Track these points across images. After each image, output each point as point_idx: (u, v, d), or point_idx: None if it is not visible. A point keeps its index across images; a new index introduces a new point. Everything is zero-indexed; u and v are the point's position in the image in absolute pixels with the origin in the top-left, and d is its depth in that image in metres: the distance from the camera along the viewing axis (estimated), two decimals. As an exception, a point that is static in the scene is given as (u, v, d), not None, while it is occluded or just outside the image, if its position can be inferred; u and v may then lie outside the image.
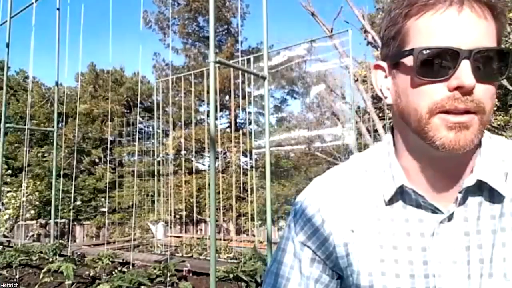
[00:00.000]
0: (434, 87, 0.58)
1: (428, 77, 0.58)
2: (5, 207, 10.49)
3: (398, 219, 0.67)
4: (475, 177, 0.62)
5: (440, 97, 0.57)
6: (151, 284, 4.39)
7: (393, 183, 0.67)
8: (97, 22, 25.87)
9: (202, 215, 11.93)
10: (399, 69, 0.63)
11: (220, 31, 17.25)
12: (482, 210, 0.63)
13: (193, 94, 11.24)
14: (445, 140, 0.58)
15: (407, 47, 0.61)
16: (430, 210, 0.65)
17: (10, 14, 6.13)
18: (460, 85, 0.56)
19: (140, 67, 23.74)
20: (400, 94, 0.64)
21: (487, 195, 0.64)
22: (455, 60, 0.56)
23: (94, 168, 15.69)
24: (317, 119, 15.45)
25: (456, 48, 0.56)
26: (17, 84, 17.28)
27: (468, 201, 0.64)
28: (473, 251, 0.62)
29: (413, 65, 0.60)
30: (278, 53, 9.48)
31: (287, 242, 0.76)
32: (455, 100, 0.57)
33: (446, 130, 0.58)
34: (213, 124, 3.09)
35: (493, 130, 5.39)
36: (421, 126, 0.60)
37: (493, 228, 0.62)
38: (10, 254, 5.66)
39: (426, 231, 0.65)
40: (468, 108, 0.57)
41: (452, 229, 0.64)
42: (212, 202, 2.98)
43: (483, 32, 0.57)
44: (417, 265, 0.64)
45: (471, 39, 0.57)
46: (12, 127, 11.77)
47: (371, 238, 0.68)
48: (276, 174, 14.53)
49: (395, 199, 0.67)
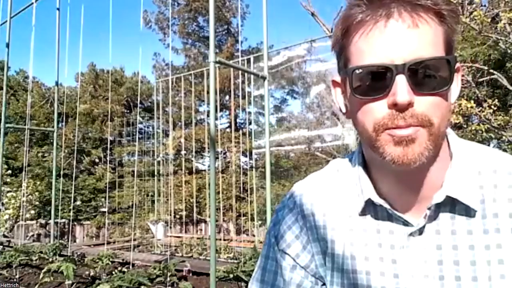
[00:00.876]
0: (375, 106, 0.56)
1: (366, 96, 0.57)
2: (5, 207, 10.48)
3: (370, 230, 0.66)
4: (444, 193, 0.60)
5: (382, 115, 0.56)
6: (151, 284, 4.39)
7: (362, 196, 0.66)
8: (97, 22, 25.92)
9: (202, 215, 11.93)
10: (346, 86, 0.62)
11: (220, 31, 17.25)
12: (456, 224, 0.61)
13: (193, 94, 11.24)
14: (394, 155, 0.56)
15: (348, 66, 0.60)
16: (401, 222, 0.64)
17: (10, 14, 6.13)
18: (394, 102, 0.54)
19: (140, 67, 23.76)
20: (352, 112, 0.63)
21: (462, 210, 0.61)
22: (390, 76, 0.54)
23: (94, 168, 15.68)
24: (317, 119, 15.44)
25: (388, 64, 0.54)
26: (17, 84, 17.28)
27: (440, 215, 0.62)
28: (448, 266, 0.60)
29: (349, 85, 0.59)
30: (278, 53, 9.49)
31: (269, 249, 0.77)
32: (395, 118, 0.55)
33: (394, 145, 0.56)
34: (213, 124, 3.10)
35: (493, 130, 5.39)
36: (372, 143, 0.59)
37: (471, 243, 0.60)
38: (10, 254, 5.66)
39: (397, 243, 0.63)
40: (410, 124, 0.55)
41: (422, 243, 0.62)
42: (212, 202, 2.98)
43: (419, 41, 0.54)
44: (388, 277, 0.63)
45: (405, 52, 0.54)
46: (12, 127, 11.77)
47: (345, 248, 0.68)
48: (276, 174, 14.51)
49: (367, 210, 0.67)
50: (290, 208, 0.76)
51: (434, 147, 0.57)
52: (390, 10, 0.55)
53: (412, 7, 0.55)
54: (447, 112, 0.58)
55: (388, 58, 0.54)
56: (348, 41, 0.59)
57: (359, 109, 0.59)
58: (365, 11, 0.56)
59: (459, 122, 4.47)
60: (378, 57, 0.55)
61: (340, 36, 0.60)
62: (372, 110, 0.57)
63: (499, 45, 4.94)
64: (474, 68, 5.18)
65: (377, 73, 0.55)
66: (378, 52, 0.55)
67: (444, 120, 0.58)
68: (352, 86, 0.59)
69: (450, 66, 0.56)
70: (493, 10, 5.30)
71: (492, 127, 4.75)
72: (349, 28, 0.58)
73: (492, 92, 5.81)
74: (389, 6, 0.55)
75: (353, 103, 0.61)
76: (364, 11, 0.56)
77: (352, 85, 0.59)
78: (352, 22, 0.57)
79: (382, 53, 0.55)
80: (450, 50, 0.58)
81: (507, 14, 4.22)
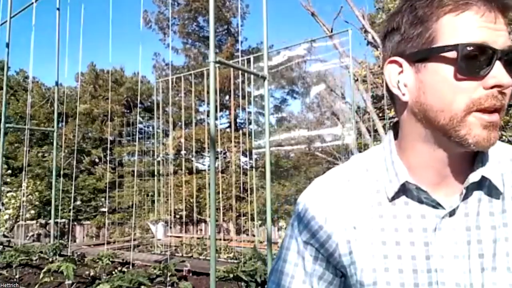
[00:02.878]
0: (472, 85, 0.58)
1: (469, 74, 0.59)
2: (5, 207, 10.49)
3: (400, 216, 0.68)
4: (480, 173, 0.64)
5: (478, 95, 0.58)
6: (151, 284, 4.39)
7: (397, 180, 0.68)
8: (97, 22, 25.93)
9: (202, 215, 11.93)
10: (427, 65, 0.62)
11: (220, 31, 17.26)
12: (481, 206, 0.65)
13: (193, 94, 11.24)
14: (479, 138, 0.59)
15: (441, 43, 0.60)
16: (432, 206, 0.66)
17: (10, 14, 6.13)
18: (498, 84, 0.57)
19: (140, 67, 23.77)
20: (426, 91, 0.62)
21: (486, 192, 0.65)
22: (490, 59, 0.57)
23: (94, 168, 15.69)
24: (317, 119, 15.45)
25: (496, 48, 0.57)
26: (17, 84, 17.29)
27: (469, 198, 0.65)
28: (473, 245, 0.64)
29: (456, 60, 0.59)
30: (278, 53, 9.48)
31: (290, 240, 0.77)
32: (493, 98, 0.58)
33: (481, 128, 0.59)
34: (213, 124, 3.09)
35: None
36: (453, 124, 0.60)
37: (493, 224, 0.64)
38: (10, 254, 5.66)
39: (429, 227, 0.66)
40: (503, 106, 0.59)
41: (454, 224, 0.65)
42: (212, 202, 2.98)
43: (507, 35, 0.59)
44: (420, 260, 0.66)
45: (502, 40, 0.58)
46: (12, 127, 11.78)
47: (374, 235, 0.69)
48: (276, 174, 14.52)
49: (397, 196, 0.68)
50: (313, 198, 0.76)
51: None
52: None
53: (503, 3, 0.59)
54: None
55: (494, 43, 0.58)
56: (448, 19, 0.60)
57: (451, 87, 0.60)
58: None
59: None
60: (486, 39, 0.58)
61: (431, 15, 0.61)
62: (469, 88, 0.59)
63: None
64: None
65: (482, 54, 0.58)
66: (486, 34, 0.58)
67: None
68: (460, 62, 0.59)
69: None
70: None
71: None
72: (449, 8, 0.60)
73: (492, 92, 5.82)
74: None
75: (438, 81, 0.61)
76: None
77: (459, 61, 0.59)
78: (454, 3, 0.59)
79: (489, 36, 0.58)
80: None
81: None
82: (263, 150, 7.36)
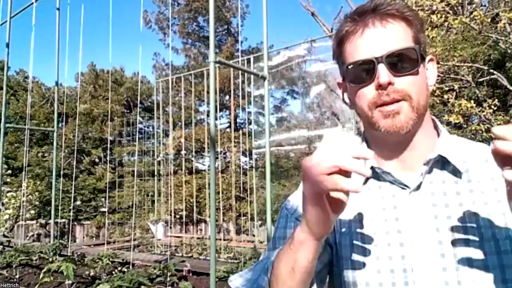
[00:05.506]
0: (366, 90, 0.75)
1: (359, 84, 0.76)
2: (5, 207, 10.49)
3: (374, 197, 0.79)
4: (437, 152, 0.76)
5: (371, 95, 0.74)
6: (151, 284, 4.39)
7: (366, 166, 0.76)
8: (97, 22, 25.90)
9: (202, 215, 11.92)
10: (346, 83, 0.81)
11: (220, 31, 17.25)
12: (447, 187, 0.75)
13: (193, 94, 11.24)
14: (386, 126, 0.73)
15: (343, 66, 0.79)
16: (400, 187, 0.77)
17: (10, 14, 6.13)
18: (378, 83, 0.72)
19: (140, 67, 23.75)
20: (352, 101, 0.81)
21: (450, 171, 0.76)
22: (373, 66, 0.73)
23: (94, 168, 15.69)
24: (317, 119, 15.45)
25: (370, 57, 0.73)
26: (17, 84, 17.28)
27: (432, 176, 0.76)
28: (442, 220, 0.72)
29: (346, 78, 0.79)
30: (278, 53, 9.47)
31: (282, 220, 0.88)
32: (381, 95, 0.73)
33: (384, 118, 0.73)
34: (213, 124, 3.10)
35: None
36: (369, 120, 0.76)
37: (460, 201, 0.73)
38: (10, 254, 5.67)
39: (398, 204, 0.76)
40: (393, 98, 0.72)
41: (420, 201, 0.75)
42: (212, 202, 2.98)
43: (390, 38, 0.73)
44: (392, 234, 0.75)
45: (381, 47, 0.73)
46: (12, 127, 11.78)
47: (354, 213, 0.79)
48: (276, 174, 14.50)
49: (371, 179, 0.80)
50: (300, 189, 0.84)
51: (417, 117, 0.74)
52: (367, 21, 0.75)
53: (381, 16, 0.75)
54: (423, 89, 0.76)
55: (369, 54, 0.73)
56: (342, 49, 0.79)
57: (355, 95, 0.78)
58: (350, 25, 0.77)
59: (459, 122, 4.46)
60: (363, 54, 0.74)
61: (336, 45, 0.81)
62: (364, 93, 0.75)
63: (499, 45, 4.93)
64: (474, 68, 5.18)
65: (364, 65, 0.74)
66: (362, 51, 0.75)
67: (422, 94, 0.75)
68: (348, 79, 0.78)
69: (416, 52, 0.74)
70: (493, 10, 5.30)
71: (492, 127, 4.75)
72: (341, 39, 0.79)
73: (492, 92, 5.80)
74: (365, 18, 0.75)
75: (351, 93, 0.80)
76: (350, 25, 0.77)
77: (348, 78, 0.78)
78: (342, 35, 0.78)
79: (365, 51, 0.74)
80: (419, 43, 0.76)
81: (507, 14, 4.21)
82: (263, 150, 7.36)
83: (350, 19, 0.78)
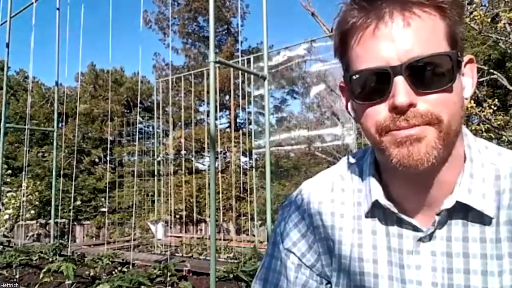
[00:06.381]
0: (376, 109, 0.55)
1: (366, 101, 0.56)
2: (5, 207, 10.48)
3: (379, 233, 0.64)
4: (454, 199, 0.57)
5: (383, 117, 0.54)
6: (151, 284, 4.38)
7: (370, 197, 0.64)
8: (97, 22, 25.86)
9: (202, 215, 11.92)
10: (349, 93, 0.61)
11: (220, 31, 17.25)
12: (469, 232, 0.58)
13: (193, 94, 11.24)
14: (399, 157, 0.53)
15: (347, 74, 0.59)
16: (410, 227, 0.61)
17: (10, 14, 6.13)
18: (393, 105, 0.52)
19: (140, 67, 23.74)
20: (357, 117, 0.61)
21: (475, 216, 0.58)
22: (388, 79, 0.52)
23: (94, 168, 15.68)
24: (317, 119, 15.45)
25: (383, 67, 0.52)
26: (17, 84, 17.27)
27: (452, 221, 0.59)
28: (458, 275, 0.57)
29: (349, 91, 0.58)
30: (278, 53, 9.47)
31: (274, 248, 0.75)
32: (396, 120, 0.53)
33: (397, 147, 0.53)
34: (213, 124, 3.09)
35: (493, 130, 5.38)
36: (377, 146, 0.57)
37: (483, 252, 0.57)
38: (10, 254, 5.66)
39: (406, 248, 0.62)
40: (414, 124, 0.52)
41: (432, 249, 0.60)
42: (212, 202, 2.98)
43: (414, 40, 0.52)
44: (397, 282, 0.62)
45: (400, 52, 0.52)
46: (12, 127, 11.77)
47: (353, 250, 0.66)
48: (276, 174, 14.50)
49: (376, 212, 0.65)
50: (297, 205, 0.74)
51: (444, 146, 0.54)
52: (381, 11, 0.53)
53: (402, 6, 0.52)
54: (458, 108, 0.55)
55: (384, 61, 0.52)
56: (345, 47, 0.58)
57: (362, 114, 0.58)
58: (357, 16, 0.55)
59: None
60: (374, 60, 0.53)
61: (338, 42, 0.59)
62: (374, 114, 0.55)
63: (499, 45, 4.93)
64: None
65: (375, 76, 0.54)
66: (373, 56, 0.53)
67: (455, 116, 0.54)
68: (353, 92, 0.57)
69: (452, 60, 0.53)
70: (493, 10, 5.29)
71: (492, 127, 4.75)
72: (344, 34, 0.57)
73: (492, 92, 5.80)
74: (380, 7, 0.53)
75: (356, 108, 0.60)
76: (356, 16, 0.55)
77: (352, 91, 0.57)
78: (346, 28, 0.56)
79: (378, 55, 0.53)
80: (455, 44, 0.55)
81: (507, 14, 4.22)
82: (263, 150, 7.36)
83: (357, 6, 0.55)
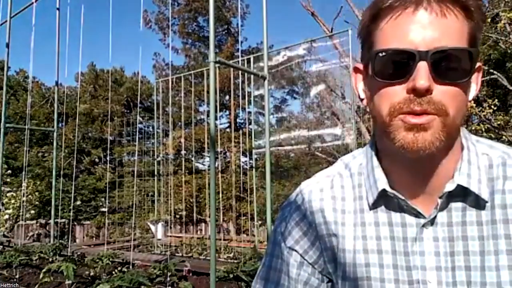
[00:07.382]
0: (394, 90, 0.57)
1: (386, 80, 0.58)
2: (5, 207, 10.48)
3: (382, 223, 0.67)
4: (456, 182, 0.61)
5: (398, 99, 0.57)
6: (151, 284, 4.38)
7: (376, 187, 0.66)
8: (97, 22, 25.89)
9: (202, 215, 11.93)
10: (368, 72, 0.63)
11: (220, 31, 17.25)
12: (467, 216, 0.62)
13: (193, 94, 11.24)
14: (404, 141, 0.57)
15: (372, 51, 0.61)
16: (413, 214, 0.64)
17: (10, 14, 6.13)
18: (413, 87, 0.55)
19: (140, 67, 23.77)
20: (370, 97, 0.64)
21: (472, 200, 0.62)
22: (412, 62, 0.55)
23: (94, 168, 15.69)
24: (317, 119, 15.46)
25: (412, 49, 0.55)
26: (17, 84, 17.28)
27: (451, 206, 0.63)
28: (459, 257, 0.61)
29: (371, 68, 0.61)
30: (278, 53, 9.47)
31: (274, 247, 0.76)
32: (411, 102, 0.56)
33: (405, 131, 0.57)
34: (213, 124, 3.10)
35: (493, 130, 5.38)
36: (384, 128, 0.59)
37: (481, 234, 0.61)
38: (10, 254, 5.66)
39: (409, 236, 0.64)
40: (425, 110, 0.55)
41: (435, 234, 0.63)
42: (212, 202, 2.98)
43: (444, 31, 0.55)
44: (402, 270, 0.64)
45: (429, 40, 0.55)
46: (12, 127, 11.76)
47: (356, 242, 0.68)
48: (276, 174, 14.51)
49: (379, 203, 0.67)
50: (298, 204, 0.75)
51: (446, 138, 0.57)
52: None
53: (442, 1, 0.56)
54: (464, 105, 0.59)
55: (412, 44, 0.55)
56: (375, 26, 0.60)
57: (377, 92, 0.60)
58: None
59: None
60: (403, 42, 0.56)
61: (367, 21, 0.62)
62: (390, 93, 0.58)
63: (499, 45, 4.94)
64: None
65: (400, 57, 0.57)
66: (403, 37, 0.56)
67: (460, 112, 0.58)
68: (374, 69, 0.60)
69: (472, 58, 0.57)
70: (493, 10, 5.30)
71: (492, 127, 4.76)
72: (378, 13, 0.60)
73: (492, 92, 5.80)
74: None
75: (372, 87, 0.62)
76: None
77: (374, 68, 0.60)
78: (381, 7, 0.59)
79: (407, 38, 0.56)
80: (474, 45, 0.58)
81: (507, 14, 4.22)
82: (263, 150, 7.36)
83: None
